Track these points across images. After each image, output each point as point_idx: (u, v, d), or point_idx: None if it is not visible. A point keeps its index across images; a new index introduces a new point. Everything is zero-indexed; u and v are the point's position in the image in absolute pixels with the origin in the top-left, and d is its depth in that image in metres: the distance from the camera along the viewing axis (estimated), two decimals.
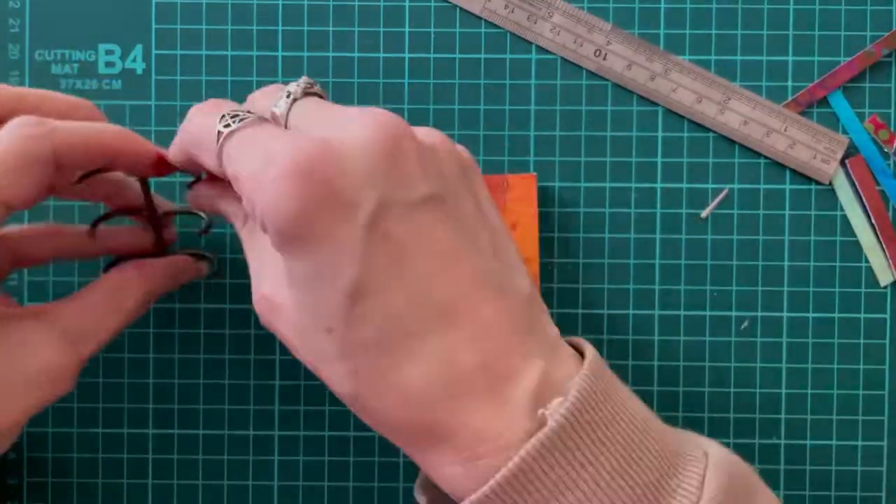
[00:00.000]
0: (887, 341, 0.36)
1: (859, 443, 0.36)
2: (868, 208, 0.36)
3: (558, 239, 0.36)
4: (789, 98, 0.36)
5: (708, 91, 0.36)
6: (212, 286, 0.36)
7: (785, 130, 0.36)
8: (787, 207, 0.36)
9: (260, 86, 0.36)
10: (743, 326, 0.36)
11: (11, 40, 0.36)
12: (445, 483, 0.24)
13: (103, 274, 0.31)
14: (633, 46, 0.36)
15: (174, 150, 0.30)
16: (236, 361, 0.36)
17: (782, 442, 0.36)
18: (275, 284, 0.25)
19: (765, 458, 0.36)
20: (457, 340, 0.23)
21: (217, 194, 0.30)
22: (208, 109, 0.27)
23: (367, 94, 0.36)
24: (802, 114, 0.36)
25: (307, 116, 0.25)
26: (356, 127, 0.24)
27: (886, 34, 0.36)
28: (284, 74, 0.36)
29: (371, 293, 0.23)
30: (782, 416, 0.36)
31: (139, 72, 0.36)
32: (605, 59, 0.36)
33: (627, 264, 0.36)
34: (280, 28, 0.36)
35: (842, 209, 0.36)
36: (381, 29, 0.36)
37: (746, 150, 0.36)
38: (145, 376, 0.36)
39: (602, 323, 0.36)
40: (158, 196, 0.34)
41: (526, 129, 0.36)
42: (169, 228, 0.34)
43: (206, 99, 0.36)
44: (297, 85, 0.26)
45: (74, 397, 0.36)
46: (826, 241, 0.36)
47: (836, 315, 0.36)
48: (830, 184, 0.36)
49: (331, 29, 0.36)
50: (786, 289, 0.36)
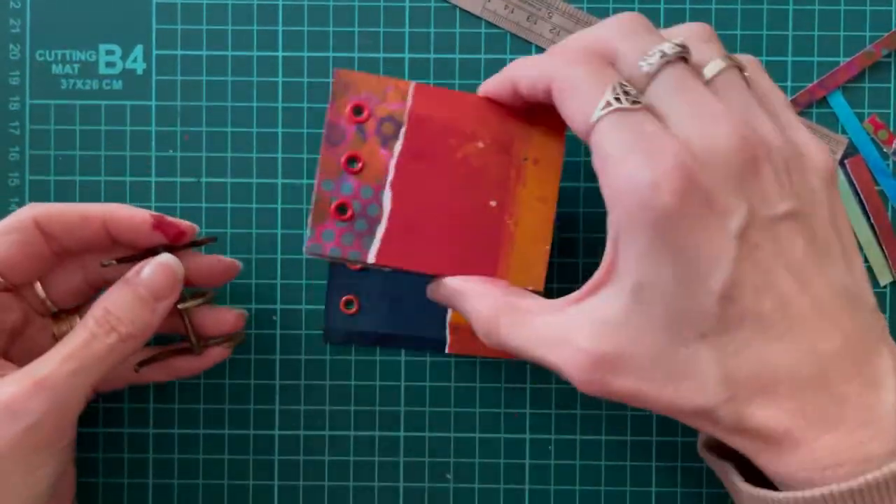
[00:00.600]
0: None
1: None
2: (867, 208, 0.36)
3: (559, 239, 0.36)
4: (789, 98, 0.36)
5: None
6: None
7: None
8: None
9: (260, 86, 0.36)
10: None
11: (12, 40, 0.36)
12: (776, 468, 0.25)
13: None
14: None
15: (500, 79, 0.29)
16: (236, 361, 0.36)
17: None
18: (598, 334, 0.25)
19: None
20: (824, 349, 0.24)
21: (463, 292, 0.29)
22: (588, 65, 0.26)
23: None
24: (802, 114, 0.36)
25: (672, 97, 0.25)
26: (724, 133, 0.24)
27: (886, 34, 0.36)
28: (284, 74, 0.36)
29: (739, 298, 0.24)
30: None
31: (139, 72, 0.36)
32: None
33: None
34: (280, 28, 0.36)
35: None
36: (382, 29, 0.36)
37: None
38: None
39: None
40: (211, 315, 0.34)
41: None
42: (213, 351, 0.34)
43: (206, 99, 0.36)
44: (672, 45, 0.25)
45: None
46: None
47: None
48: None
49: (331, 29, 0.36)
50: None
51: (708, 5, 0.36)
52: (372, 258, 0.29)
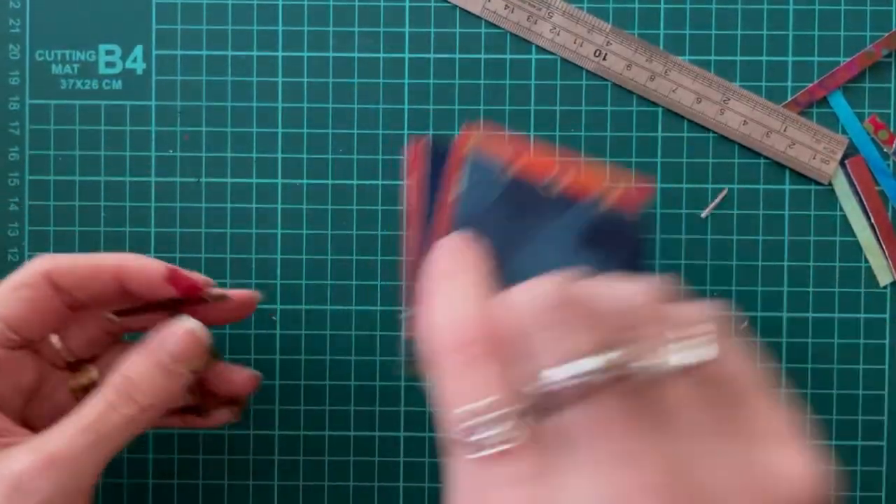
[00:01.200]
0: (887, 341, 0.36)
1: (859, 443, 0.36)
2: (867, 208, 0.36)
3: None
4: (789, 98, 0.36)
5: (708, 91, 0.36)
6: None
7: (784, 130, 0.36)
8: (787, 207, 0.36)
9: (260, 86, 0.36)
10: (742, 326, 0.36)
11: (12, 40, 0.36)
12: None
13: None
14: (632, 47, 0.36)
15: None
16: (236, 361, 0.36)
17: None
18: None
19: None
20: None
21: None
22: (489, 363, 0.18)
23: (368, 94, 0.36)
24: (802, 114, 0.36)
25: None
26: None
27: (886, 34, 0.36)
28: (284, 74, 0.36)
29: None
30: None
31: (139, 72, 0.36)
32: (604, 59, 0.36)
33: None
34: (280, 28, 0.36)
35: (841, 209, 0.36)
36: (382, 29, 0.36)
37: (746, 151, 0.36)
38: None
39: None
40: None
41: (526, 129, 0.36)
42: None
43: (205, 99, 0.36)
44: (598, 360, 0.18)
45: None
46: (826, 242, 0.36)
47: (836, 315, 0.36)
48: (830, 184, 0.36)
49: (331, 29, 0.36)
50: (785, 289, 0.36)
51: (708, 5, 0.36)
52: None
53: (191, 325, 0.28)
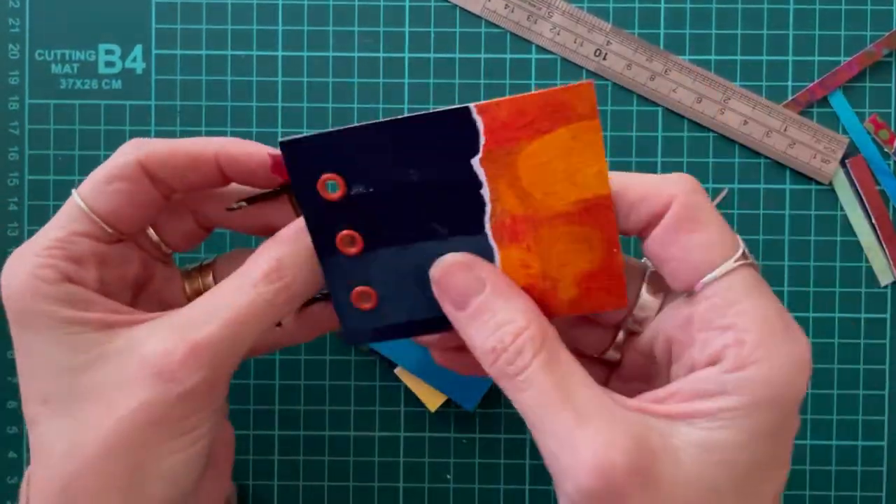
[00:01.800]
0: (887, 341, 0.36)
1: (859, 443, 0.36)
2: (868, 208, 0.36)
3: None
4: (789, 98, 0.36)
5: (708, 91, 0.36)
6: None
7: (785, 130, 0.36)
8: (788, 207, 0.36)
9: (259, 86, 0.36)
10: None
11: (11, 40, 0.36)
12: None
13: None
14: (633, 46, 0.36)
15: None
16: None
17: None
18: (645, 451, 0.22)
19: None
20: None
21: (498, 293, 0.24)
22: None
23: (368, 94, 0.36)
24: (802, 114, 0.36)
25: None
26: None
27: (886, 34, 0.36)
28: (284, 74, 0.36)
29: None
30: None
31: (139, 71, 0.36)
32: (605, 58, 0.36)
33: None
34: (280, 28, 0.36)
35: (842, 209, 0.36)
36: (382, 29, 0.36)
37: (746, 150, 0.36)
38: None
39: None
40: None
41: None
42: None
43: (205, 98, 0.36)
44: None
45: None
46: (826, 241, 0.36)
47: (837, 315, 0.36)
48: (830, 184, 0.36)
49: (331, 29, 0.36)
50: (786, 288, 0.36)
51: (708, 5, 0.36)
52: None
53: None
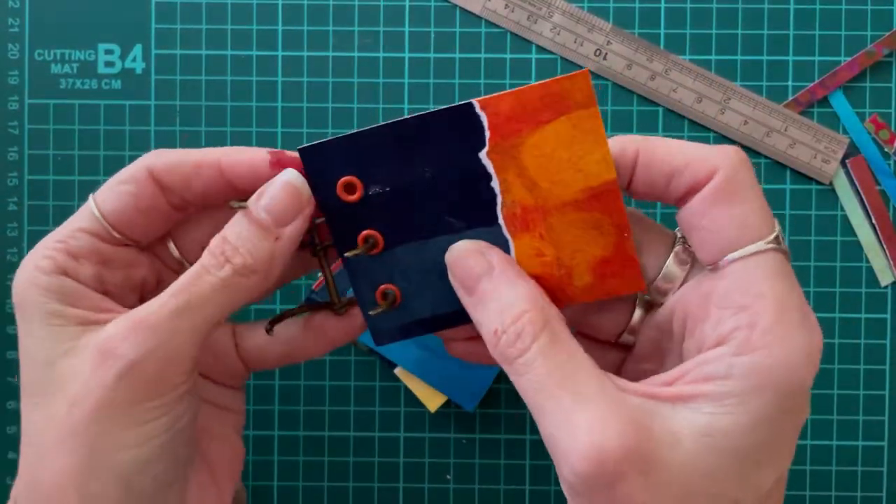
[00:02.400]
0: (888, 341, 0.36)
1: (859, 443, 0.36)
2: (868, 208, 0.36)
3: None
4: (790, 98, 0.36)
5: (708, 91, 0.36)
6: None
7: (785, 130, 0.36)
8: (788, 207, 0.36)
9: (259, 85, 0.36)
10: None
11: (11, 40, 0.36)
12: None
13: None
14: (633, 46, 0.36)
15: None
16: None
17: None
18: (644, 436, 0.22)
19: None
20: None
21: (507, 277, 0.25)
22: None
23: (367, 94, 0.36)
24: (803, 114, 0.36)
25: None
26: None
27: (887, 34, 0.36)
28: (284, 74, 0.36)
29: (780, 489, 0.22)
30: None
31: (138, 71, 0.36)
32: (605, 58, 0.36)
33: None
34: (280, 28, 0.36)
35: (842, 209, 0.36)
36: (382, 29, 0.36)
37: (747, 150, 0.36)
38: None
39: None
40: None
41: None
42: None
43: (205, 98, 0.36)
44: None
45: None
46: (826, 241, 0.36)
47: (837, 315, 0.36)
48: (831, 184, 0.36)
49: (331, 29, 0.36)
50: None
51: (709, 4, 0.36)
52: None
53: (288, 176, 0.25)
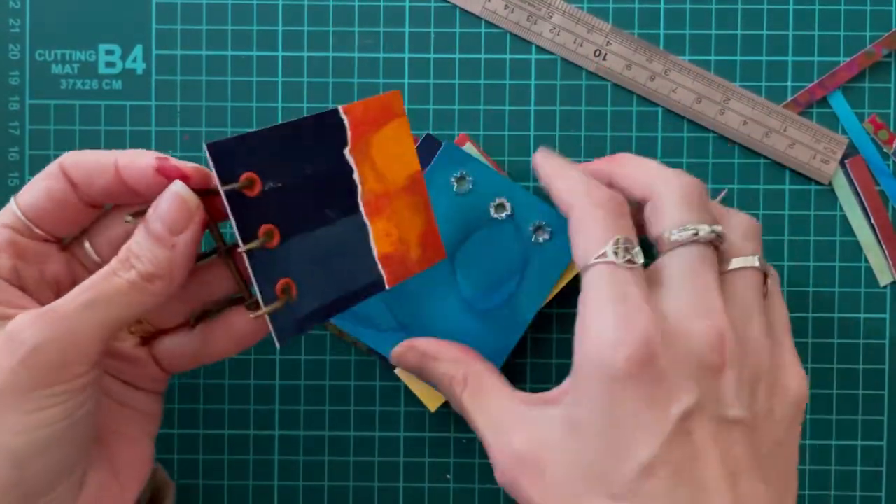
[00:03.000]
0: (887, 341, 0.36)
1: (859, 443, 0.36)
2: (867, 208, 0.36)
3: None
4: (789, 98, 0.36)
5: (708, 91, 0.36)
6: None
7: (784, 130, 0.36)
8: (787, 207, 0.36)
9: (259, 86, 0.36)
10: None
11: (12, 40, 0.36)
12: None
13: None
14: (632, 46, 0.36)
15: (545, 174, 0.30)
16: (236, 361, 0.36)
17: None
18: (531, 440, 0.27)
19: None
20: None
21: (434, 357, 0.31)
22: (608, 211, 0.28)
23: (368, 94, 0.36)
24: (802, 114, 0.36)
25: (681, 274, 0.27)
26: (704, 327, 0.26)
27: (886, 34, 0.36)
28: (284, 74, 0.36)
29: (659, 476, 0.25)
30: None
31: (139, 72, 0.36)
32: (604, 59, 0.36)
33: None
34: (280, 28, 0.36)
35: (841, 209, 0.36)
36: (382, 29, 0.36)
37: (746, 151, 0.36)
38: None
39: None
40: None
41: (526, 130, 0.36)
42: None
43: (205, 99, 0.36)
44: (709, 230, 0.27)
45: None
46: (826, 241, 0.36)
47: (836, 315, 0.36)
48: (830, 184, 0.36)
49: (331, 29, 0.36)
50: (785, 289, 0.36)
51: (708, 5, 0.36)
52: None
53: (175, 188, 0.27)
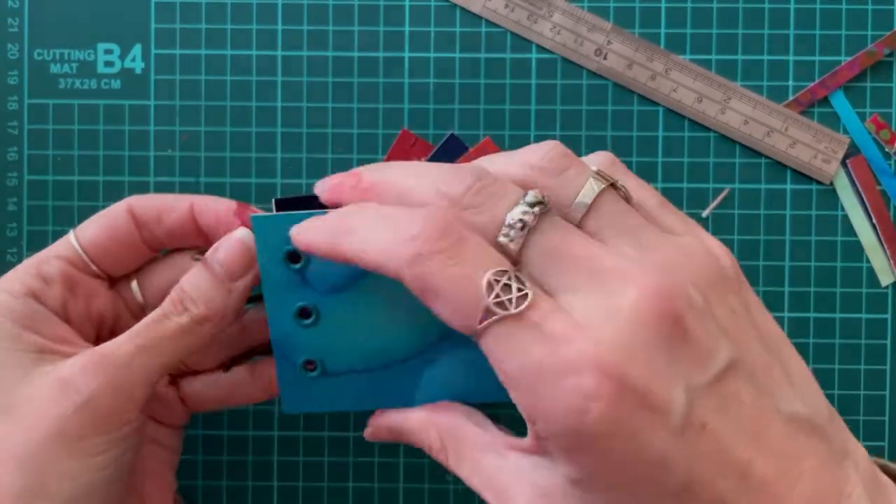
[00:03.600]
0: (888, 341, 0.36)
1: (861, 443, 0.36)
2: (869, 208, 0.36)
3: None
4: (790, 98, 0.36)
5: (709, 90, 0.36)
6: None
7: (786, 130, 0.36)
8: (788, 207, 0.36)
9: (259, 85, 0.36)
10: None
11: (10, 40, 0.36)
12: None
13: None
14: (633, 46, 0.36)
15: (322, 234, 0.24)
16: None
17: None
18: (534, 497, 0.23)
19: None
20: (791, 498, 0.21)
21: (399, 432, 0.28)
22: (449, 255, 0.21)
23: (368, 94, 0.36)
24: (803, 113, 0.36)
25: (551, 269, 0.22)
26: (631, 299, 0.21)
27: (887, 33, 0.36)
28: (284, 74, 0.36)
29: (698, 490, 0.21)
30: None
31: (138, 71, 0.36)
32: (605, 58, 0.36)
33: None
34: (280, 28, 0.36)
35: (843, 209, 0.36)
36: (381, 28, 0.36)
37: (747, 150, 0.36)
38: None
39: None
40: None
41: (526, 129, 0.36)
42: None
43: (204, 98, 0.36)
44: (523, 204, 0.22)
45: None
46: (827, 241, 0.36)
47: (837, 315, 0.36)
48: (831, 184, 0.36)
49: (331, 29, 0.36)
50: (787, 289, 0.36)
51: (709, 4, 0.36)
52: None
53: (240, 234, 0.27)
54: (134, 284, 0.30)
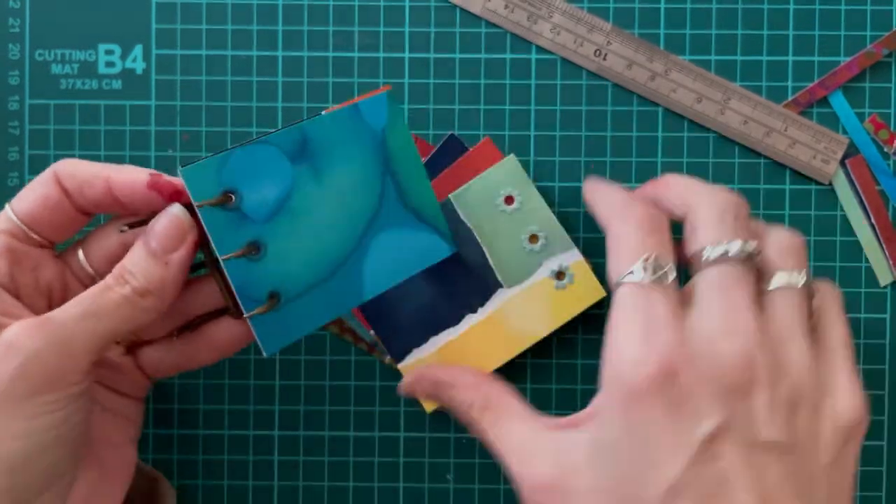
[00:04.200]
0: (887, 341, 0.36)
1: None
2: (868, 208, 0.36)
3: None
4: (789, 98, 0.36)
5: (708, 91, 0.36)
6: None
7: (785, 130, 0.36)
8: (787, 207, 0.36)
9: (259, 86, 0.36)
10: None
11: (11, 40, 0.36)
12: None
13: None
14: (633, 46, 0.36)
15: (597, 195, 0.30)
16: (236, 361, 0.36)
17: None
18: (556, 467, 0.27)
19: None
20: None
21: (450, 384, 0.31)
22: (640, 229, 0.28)
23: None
24: (802, 114, 0.36)
25: (712, 293, 0.26)
26: (731, 349, 0.25)
27: (886, 34, 0.36)
28: (284, 74, 0.36)
29: (686, 499, 0.24)
30: None
31: (139, 71, 0.36)
32: (605, 59, 0.36)
33: None
34: (280, 28, 0.36)
35: (842, 209, 0.36)
36: (381, 29, 0.36)
37: (746, 150, 0.36)
38: None
39: (602, 323, 0.36)
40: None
41: (526, 129, 0.36)
42: None
43: (205, 98, 0.36)
44: (741, 246, 0.27)
45: None
46: (826, 241, 0.36)
47: None
48: (830, 184, 0.36)
49: (331, 29, 0.36)
50: None
51: (708, 5, 0.36)
52: None
53: (173, 210, 0.28)
54: (80, 254, 0.30)
